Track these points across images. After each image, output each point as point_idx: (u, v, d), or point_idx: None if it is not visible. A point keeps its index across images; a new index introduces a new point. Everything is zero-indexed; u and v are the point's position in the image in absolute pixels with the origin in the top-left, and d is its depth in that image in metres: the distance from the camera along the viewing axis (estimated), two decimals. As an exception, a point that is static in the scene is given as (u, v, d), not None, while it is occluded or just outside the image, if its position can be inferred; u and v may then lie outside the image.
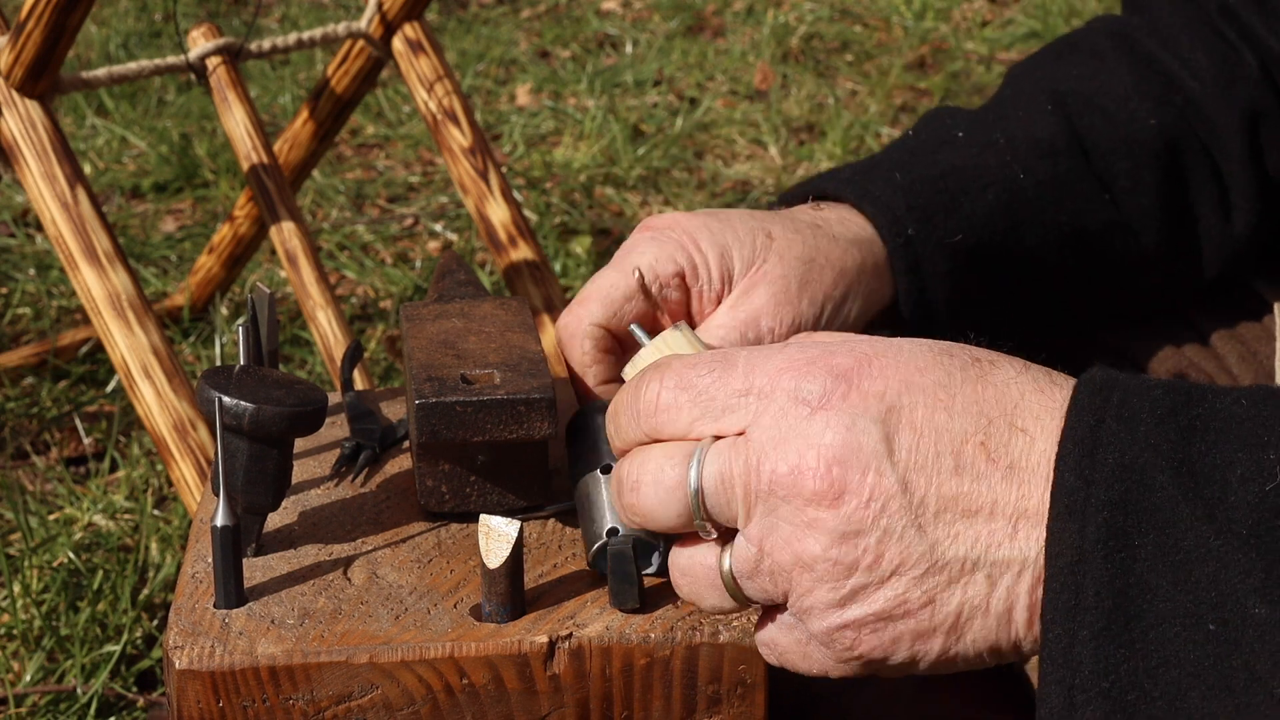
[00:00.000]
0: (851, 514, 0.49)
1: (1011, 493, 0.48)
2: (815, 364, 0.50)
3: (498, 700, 0.58)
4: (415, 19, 1.46)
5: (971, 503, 0.49)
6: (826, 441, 0.49)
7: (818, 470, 0.49)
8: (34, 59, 1.24)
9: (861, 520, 0.49)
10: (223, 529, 0.59)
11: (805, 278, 0.66)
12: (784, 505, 0.49)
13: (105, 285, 1.22)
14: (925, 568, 0.49)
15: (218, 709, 0.57)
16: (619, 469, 0.53)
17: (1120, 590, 0.46)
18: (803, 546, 0.49)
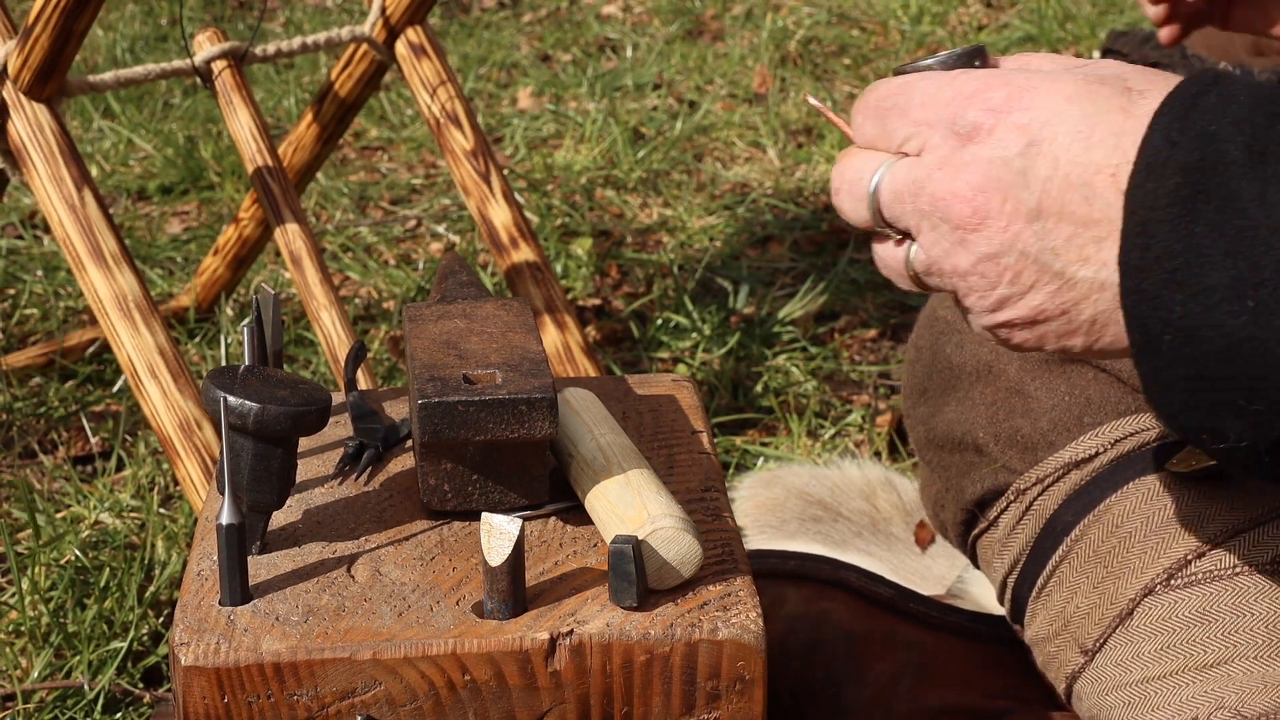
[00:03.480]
0: (991, 236, 0.55)
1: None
2: (974, 97, 0.55)
3: (499, 696, 0.59)
4: (418, 23, 1.46)
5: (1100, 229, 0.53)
6: (972, 173, 0.55)
7: (964, 196, 0.55)
8: (41, 63, 1.25)
9: (1000, 243, 0.55)
10: (228, 527, 0.60)
11: None
12: (942, 224, 0.56)
13: (112, 286, 1.23)
14: (1058, 284, 0.54)
15: (223, 705, 0.58)
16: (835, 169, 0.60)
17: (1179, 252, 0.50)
18: (957, 260, 0.56)
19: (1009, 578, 0.79)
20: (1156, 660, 0.70)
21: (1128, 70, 0.55)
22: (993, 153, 0.54)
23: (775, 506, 1.12)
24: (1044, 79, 0.54)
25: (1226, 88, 0.51)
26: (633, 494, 0.62)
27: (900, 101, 0.57)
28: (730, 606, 0.60)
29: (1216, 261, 0.49)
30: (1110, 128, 0.53)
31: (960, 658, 0.79)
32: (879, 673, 0.77)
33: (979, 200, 0.54)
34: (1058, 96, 0.54)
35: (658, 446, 0.72)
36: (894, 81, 0.58)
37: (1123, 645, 0.72)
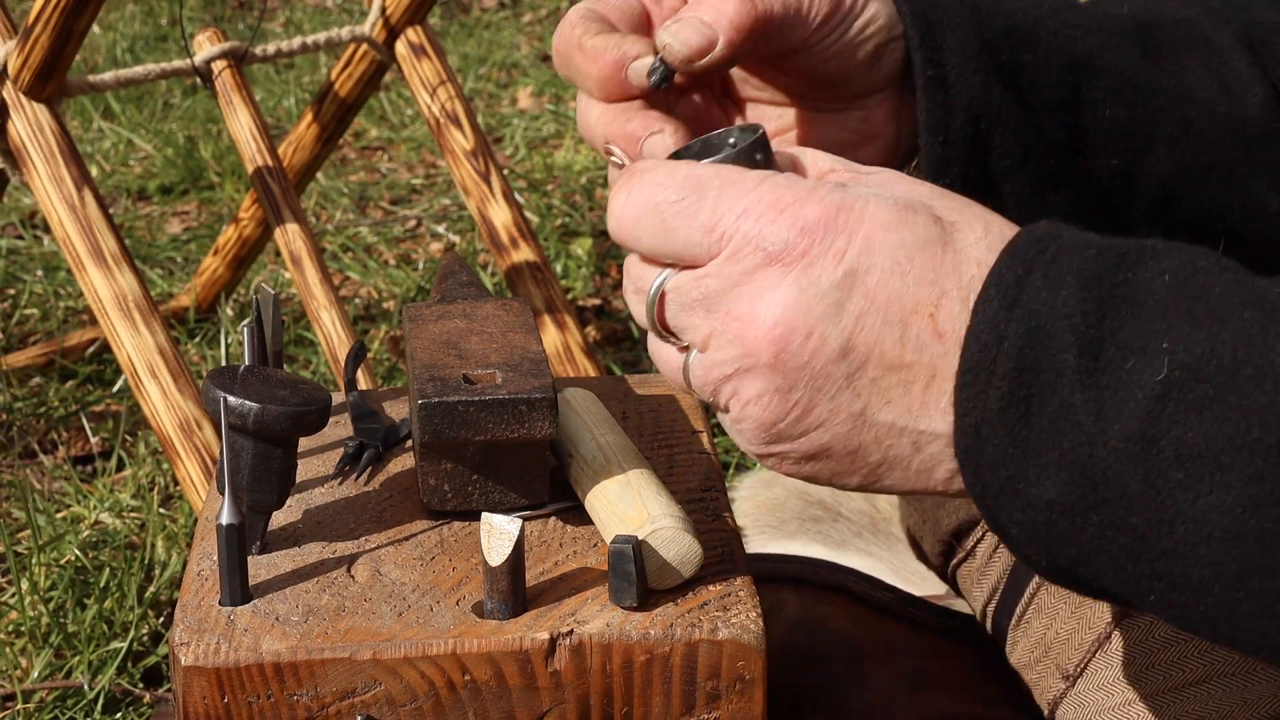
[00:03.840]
0: (788, 370, 0.50)
1: (952, 366, 0.49)
2: (783, 213, 0.50)
3: (499, 696, 0.59)
4: (418, 23, 1.46)
5: (911, 373, 0.49)
6: (777, 298, 0.49)
7: (764, 323, 0.49)
8: (41, 63, 1.25)
9: (796, 378, 0.50)
10: (228, 527, 0.60)
11: None
12: (730, 346, 0.50)
13: (112, 286, 1.23)
14: (853, 425, 0.50)
15: (223, 705, 0.58)
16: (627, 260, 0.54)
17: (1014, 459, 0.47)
18: (741, 385, 0.51)
19: (988, 606, 0.79)
20: (1137, 682, 0.70)
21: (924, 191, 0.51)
22: (805, 280, 0.49)
23: (775, 506, 1.12)
24: (857, 199, 0.49)
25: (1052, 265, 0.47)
26: (633, 494, 0.62)
27: (687, 199, 0.50)
28: (730, 606, 0.60)
29: (1052, 474, 0.46)
30: (928, 262, 0.49)
31: (959, 664, 0.79)
32: (878, 678, 0.77)
33: (779, 331, 0.49)
34: (875, 223, 0.49)
35: (658, 446, 0.72)
36: (675, 171, 0.51)
37: (1103, 669, 0.71)
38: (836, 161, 0.54)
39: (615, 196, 0.53)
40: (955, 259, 0.49)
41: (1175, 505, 0.45)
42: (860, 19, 0.61)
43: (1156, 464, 0.45)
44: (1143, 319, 0.47)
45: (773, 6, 0.58)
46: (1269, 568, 0.44)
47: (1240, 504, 0.45)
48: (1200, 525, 0.45)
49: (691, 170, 0.52)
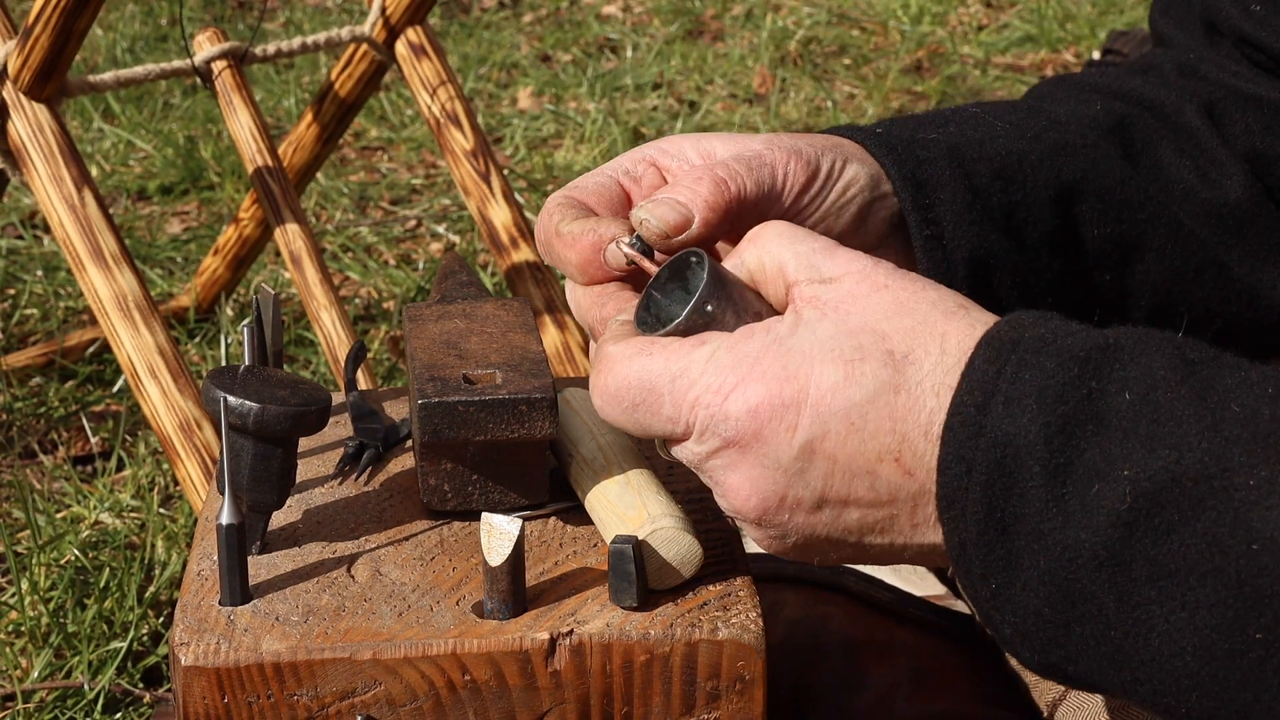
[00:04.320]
0: (776, 527, 0.54)
1: (930, 491, 0.51)
2: (729, 397, 0.52)
3: (499, 696, 0.59)
4: (418, 23, 1.46)
5: (894, 507, 0.52)
6: (743, 475, 0.53)
7: (739, 496, 0.54)
8: (41, 63, 1.25)
9: (787, 530, 0.54)
10: (228, 527, 0.60)
11: (798, 135, 0.63)
12: (724, 503, 0.55)
13: (112, 286, 1.23)
14: (856, 551, 0.55)
15: (223, 705, 0.58)
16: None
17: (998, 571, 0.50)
18: (747, 529, 0.55)
19: None
20: None
21: (880, 316, 0.51)
22: (765, 459, 0.52)
23: (775, 507, 1.11)
24: (801, 365, 0.51)
25: (1013, 385, 0.49)
26: (633, 494, 0.62)
27: (646, 398, 0.54)
28: (730, 606, 0.60)
29: (1034, 588, 0.49)
30: (883, 412, 0.50)
31: (959, 663, 0.79)
32: (878, 678, 0.76)
33: (754, 501, 0.53)
34: (822, 388, 0.51)
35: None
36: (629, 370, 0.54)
37: None
38: (802, 269, 0.54)
39: (592, 388, 0.56)
40: (909, 400, 0.51)
41: (1149, 620, 0.47)
42: (839, 183, 0.62)
43: (1130, 584, 0.47)
44: (1105, 439, 0.48)
45: (744, 186, 0.59)
46: (1242, 682, 0.46)
47: (1209, 624, 0.46)
48: (1173, 639, 0.47)
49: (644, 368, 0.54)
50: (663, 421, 0.54)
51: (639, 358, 0.54)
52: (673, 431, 0.54)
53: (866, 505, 0.52)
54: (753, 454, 0.52)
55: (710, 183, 0.59)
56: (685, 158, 0.63)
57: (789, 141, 0.62)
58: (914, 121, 0.68)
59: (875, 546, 0.53)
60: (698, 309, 0.54)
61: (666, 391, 0.54)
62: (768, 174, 0.60)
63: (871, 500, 0.52)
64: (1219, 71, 0.75)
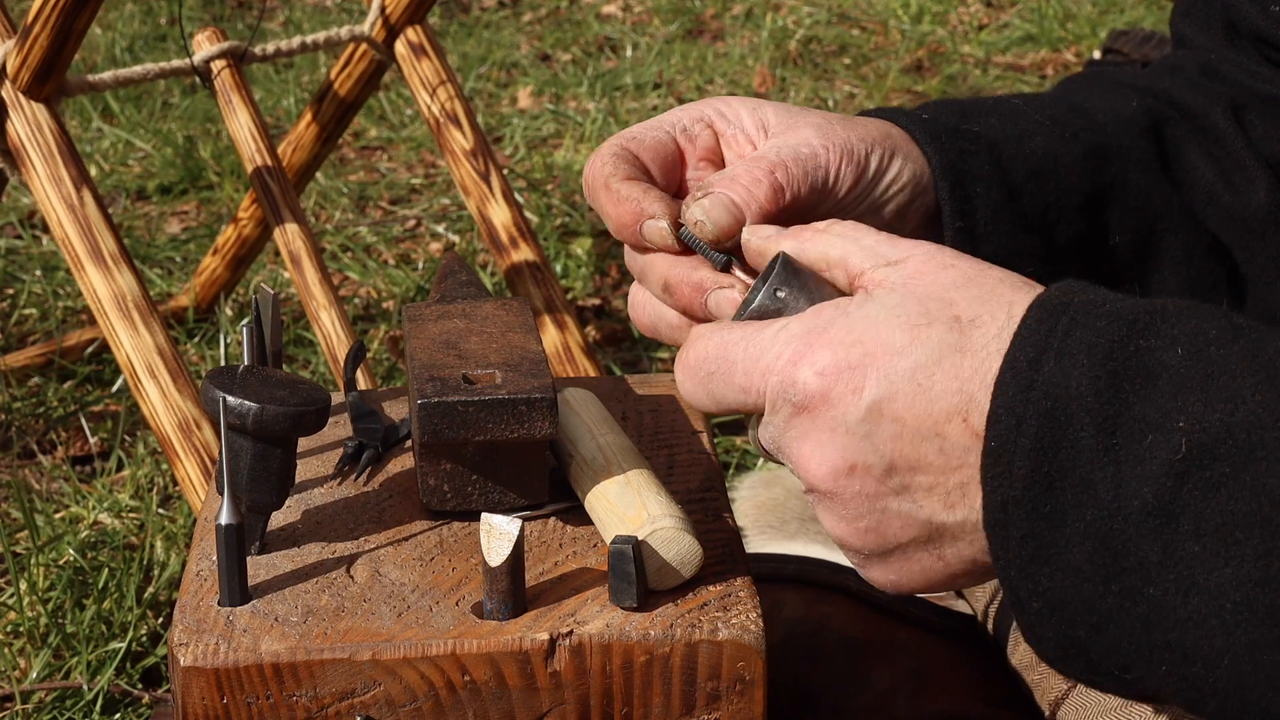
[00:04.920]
0: (848, 502, 0.54)
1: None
2: (797, 364, 0.53)
3: (499, 697, 0.58)
4: (418, 22, 1.46)
5: (963, 474, 0.52)
6: (813, 442, 0.53)
7: (810, 465, 0.54)
8: (40, 62, 1.25)
9: (857, 508, 0.54)
10: (227, 527, 0.60)
11: (850, 123, 0.64)
12: (802, 481, 0.55)
13: (111, 286, 1.23)
14: (928, 534, 0.53)
15: (222, 705, 0.58)
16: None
17: (1041, 531, 0.50)
18: (823, 516, 0.55)
19: (990, 606, 0.79)
20: None
21: (948, 285, 0.52)
22: (832, 422, 0.52)
23: (775, 507, 1.12)
24: (867, 330, 0.52)
25: (1065, 341, 0.49)
26: (632, 494, 0.62)
27: (721, 367, 0.55)
28: (730, 607, 0.59)
29: (1077, 542, 0.49)
30: (950, 373, 0.51)
31: (961, 663, 0.79)
32: (878, 679, 0.76)
33: (824, 470, 0.53)
34: (888, 351, 0.51)
35: (658, 447, 0.72)
36: (709, 341, 0.56)
37: None
38: (866, 258, 0.56)
39: (676, 367, 0.58)
40: (974, 362, 0.51)
41: (1192, 577, 0.47)
42: (884, 180, 0.64)
43: (1175, 537, 0.47)
44: (1157, 394, 0.49)
45: (799, 192, 0.62)
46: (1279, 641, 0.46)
47: (1253, 578, 0.46)
48: (1215, 597, 0.47)
49: (721, 338, 0.56)
50: (736, 391, 0.55)
51: (718, 332, 0.57)
52: (745, 401, 0.55)
53: (937, 471, 0.52)
54: (821, 418, 0.52)
55: (769, 188, 0.61)
56: (741, 125, 0.64)
57: (842, 136, 0.63)
58: (958, 109, 0.69)
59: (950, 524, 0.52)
60: (769, 295, 0.57)
61: (740, 359, 0.55)
62: (820, 176, 0.62)
63: (941, 466, 0.51)
64: (1238, 72, 0.76)
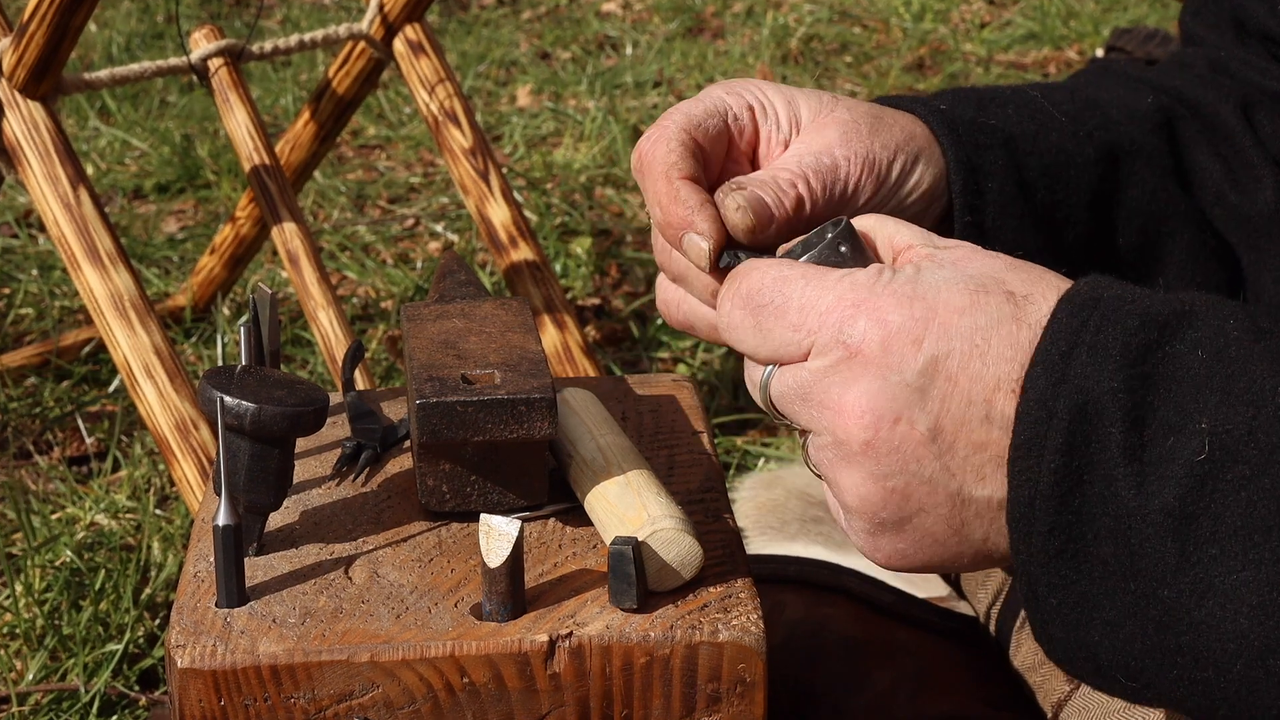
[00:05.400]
0: (882, 458, 0.52)
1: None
2: (860, 307, 0.53)
3: (498, 699, 0.58)
4: (416, 20, 1.46)
5: (1000, 448, 0.51)
6: (862, 388, 0.52)
7: (852, 413, 0.52)
8: (37, 60, 1.24)
9: (890, 464, 0.52)
10: (224, 528, 0.59)
11: (875, 125, 0.65)
12: (826, 434, 0.53)
13: (107, 285, 1.23)
14: (951, 505, 0.52)
15: (219, 707, 0.57)
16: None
17: (1064, 526, 0.50)
18: (841, 474, 0.54)
19: (992, 608, 0.79)
20: None
21: (998, 264, 0.53)
22: (888, 371, 0.51)
23: (776, 507, 1.11)
24: (930, 289, 0.52)
25: (1097, 336, 0.49)
26: (632, 495, 0.62)
27: (777, 300, 0.54)
28: (731, 608, 0.59)
29: (1103, 538, 0.49)
30: (1005, 340, 0.51)
31: (962, 665, 0.79)
32: (879, 680, 0.76)
33: (868, 419, 0.51)
34: (949, 309, 0.51)
35: (658, 447, 0.71)
36: (766, 273, 0.55)
37: None
38: (915, 235, 0.57)
39: (721, 302, 0.57)
40: (1030, 335, 0.51)
41: (1209, 579, 0.47)
42: (904, 187, 0.65)
43: (1194, 539, 0.47)
44: (1179, 396, 0.49)
45: (818, 203, 0.63)
46: None
47: (1270, 581, 0.46)
48: (1231, 599, 0.47)
49: (780, 272, 0.55)
50: (787, 328, 0.54)
51: (779, 266, 0.56)
52: (791, 340, 0.54)
53: (976, 443, 0.51)
54: (875, 367, 0.52)
55: (793, 199, 0.62)
56: (777, 119, 0.65)
57: (865, 146, 0.64)
58: (976, 99, 0.70)
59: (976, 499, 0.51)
60: (832, 248, 0.57)
61: (797, 295, 0.54)
62: (839, 189, 0.63)
63: (982, 437, 0.51)
64: (1248, 69, 0.76)
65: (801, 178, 0.62)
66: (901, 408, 0.51)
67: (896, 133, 0.65)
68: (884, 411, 0.51)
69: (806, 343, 0.53)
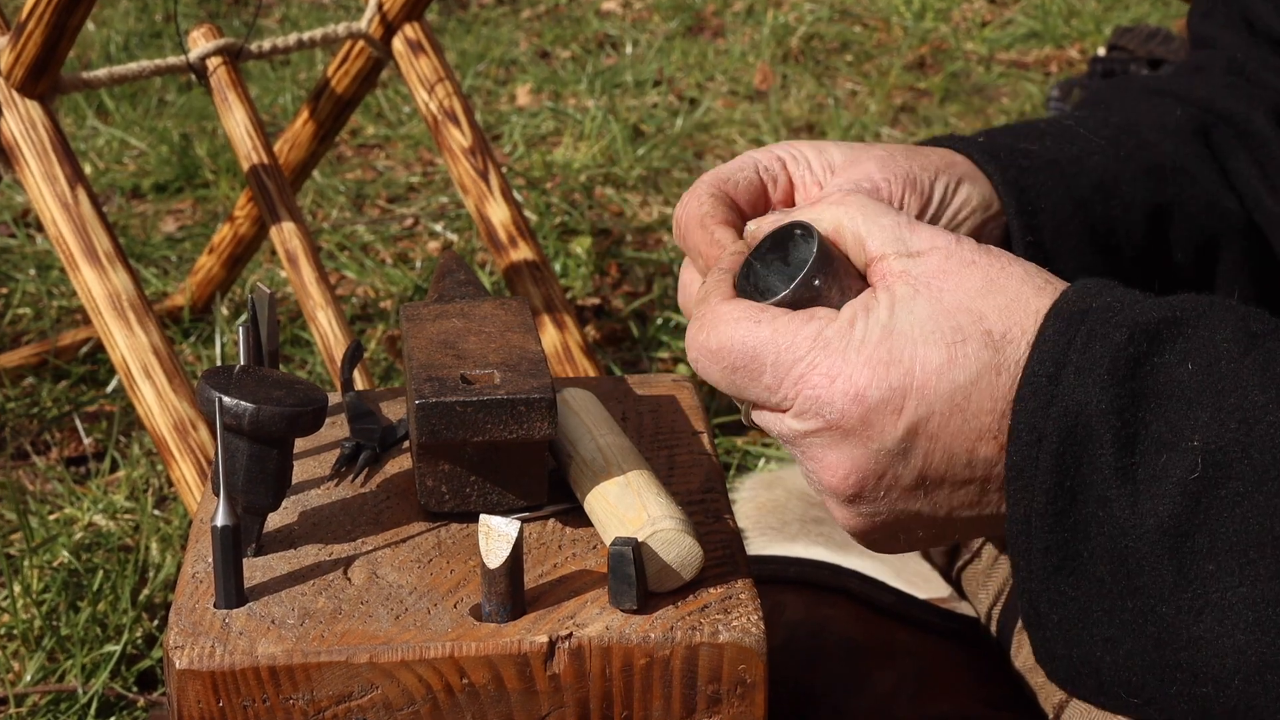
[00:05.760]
0: (868, 504, 0.54)
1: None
2: (835, 382, 0.53)
3: (498, 700, 0.58)
4: (415, 19, 1.46)
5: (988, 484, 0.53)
6: (844, 455, 0.53)
7: (837, 473, 0.54)
8: (34, 59, 1.24)
9: (878, 508, 0.54)
10: (223, 529, 0.59)
11: (912, 153, 0.65)
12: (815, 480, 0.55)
13: (106, 285, 1.22)
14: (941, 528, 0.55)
15: (218, 709, 0.57)
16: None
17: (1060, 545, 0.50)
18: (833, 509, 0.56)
19: (993, 609, 0.79)
20: None
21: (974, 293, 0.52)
22: (869, 441, 0.52)
23: (777, 508, 1.11)
24: (905, 348, 0.52)
25: (1084, 354, 0.49)
26: (632, 495, 0.62)
27: (748, 364, 0.54)
28: (731, 609, 0.59)
29: (1099, 556, 0.49)
30: (986, 394, 0.51)
31: (963, 665, 0.79)
32: (880, 681, 0.76)
33: (853, 479, 0.53)
34: (927, 371, 0.51)
35: (658, 447, 0.71)
36: (734, 332, 0.54)
37: None
38: (886, 239, 0.56)
39: (689, 346, 0.57)
40: (1009, 380, 0.52)
41: (1205, 595, 0.48)
42: (951, 207, 0.65)
43: (1190, 556, 0.48)
44: (1170, 412, 0.49)
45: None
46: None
47: (1266, 597, 0.47)
48: (1228, 616, 0.47)
49: (750, 335, 0.55)
50: (760, 390, 0.55)
51: (746, 322, 0.55)
52: (767, 400, 0.55)
53: (962, 483, 0.52)
54: (856, 438, 0.53)
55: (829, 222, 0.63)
56: (810, 166, 0.66)
57: (904, 167, 0.64)
58: (1012, 131, 0.70)
59: (962, 520, 0.54)
60: (805, 283, 0.55)
61: (770, 363, 0.54)
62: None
63: (966, 478, 0.52)
64: (1265, 70, 0.76)
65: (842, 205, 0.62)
66: (885, 467, 0.53)
67: (935, 158, 0.66)
68: (868, 472, 0.53)
69: (783, 404, 0.54)
